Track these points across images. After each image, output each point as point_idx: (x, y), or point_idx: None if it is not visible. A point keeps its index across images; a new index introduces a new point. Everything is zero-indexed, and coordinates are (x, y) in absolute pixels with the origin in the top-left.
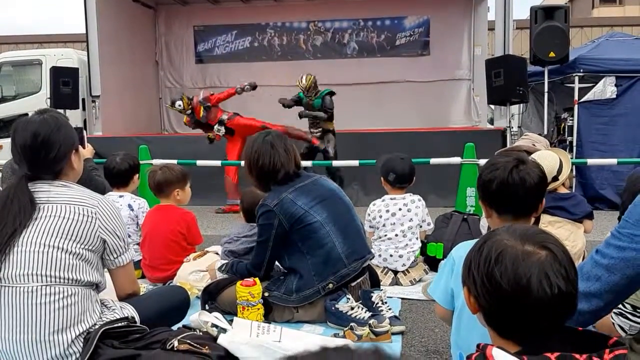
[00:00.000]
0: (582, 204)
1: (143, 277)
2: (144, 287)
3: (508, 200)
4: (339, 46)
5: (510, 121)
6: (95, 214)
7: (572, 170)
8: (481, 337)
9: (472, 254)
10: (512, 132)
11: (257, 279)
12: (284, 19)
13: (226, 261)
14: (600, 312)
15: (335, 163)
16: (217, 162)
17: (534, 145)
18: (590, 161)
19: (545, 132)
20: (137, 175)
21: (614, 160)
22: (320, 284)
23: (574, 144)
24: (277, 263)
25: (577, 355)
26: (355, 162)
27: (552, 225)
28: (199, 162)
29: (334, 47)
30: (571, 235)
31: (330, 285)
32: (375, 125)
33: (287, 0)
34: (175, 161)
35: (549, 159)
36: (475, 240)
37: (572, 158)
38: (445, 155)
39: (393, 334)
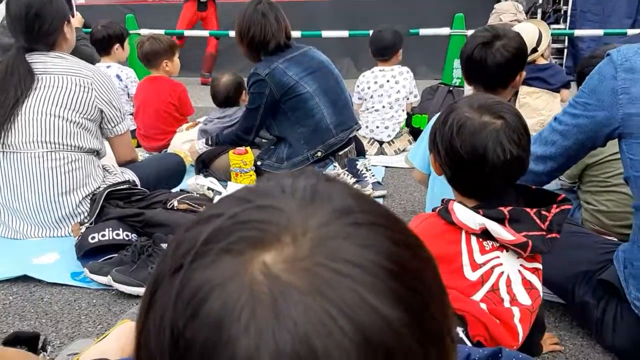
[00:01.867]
0: (559, 74)
1: (139, 146)
2: (141, 155)
3: (476, 74)
4: None
5: None
6: (91, 84)
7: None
8: (450, 195)
9: (437, 125)
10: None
11: (248, 148)
12: None
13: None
14: (554, 172)
15: (325, 34)
16: (205, 33)
17: (500, 19)
18: (577, 32)
19: (540, 1)
20: (119, 44)
21: (600, 32)
22: (309, 151)
23: (568, 13)
24: (267, 134)
25: (528, 209)
26: (345, 33)
27: (530, 95)
28: (187, 33)
29: None
30: (548, 105)
31: (319, 153)
32: None
33: None
34: (162, 31)
35: (528, 31)
36: None
37: (565, 28)
38: (439, 23)
39: (375, 197)
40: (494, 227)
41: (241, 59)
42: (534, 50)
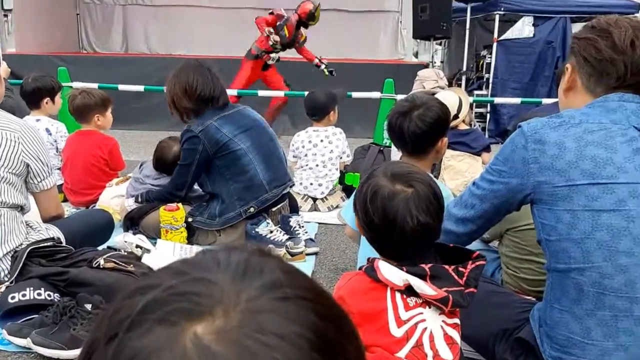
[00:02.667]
0: (481, 138)
1: (65, 201)
2: (68, 210)
3: (396, 141)
4: None
5: (433, 56)
6: (18, 138)
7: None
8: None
9: (356, 191)
10: (435, 67)
11: (179, 204)
12: None
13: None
14: (474, 234)
15: (262, 93)
16: (140, 87)
17: (423, 86)
18: (497, 100)
19: (465, 69)
20: (49, 98)
21: (517, 100)
22: (242, 207)
23: (490, 81)
24: (200, 190)
25: (447, 266)
26: (281, 93)
27: (455, 159)
28: (121, 87)
29: None
30: (470, 168)
31: (252, 209)
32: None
33: None
34: (95, 85)
35: (449, 98)
36: None
37: (487, 95)
38: (371, 86)
39: (307, 254)
40: (417, 283)
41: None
42: (455, 116)
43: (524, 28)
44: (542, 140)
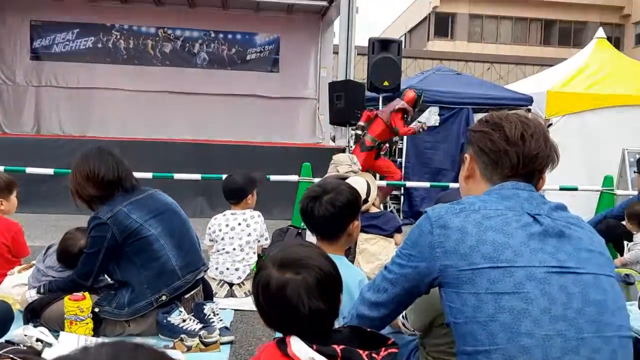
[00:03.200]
0: (392, 220)
1: None
2: None
3: (310, 225)
4: (189, 55)
5: (349, 141)
6: None
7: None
8: None
9: (254, 280)
10: (351, 152)
11: (86, 294)
12: (131, 22)
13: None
14: (387, 318)
15: (177, 176)
16: (49, 170)
17: (337, 170)
18: (408, 184)
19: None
20: None
21: (427, 184)
22: (153, 296)
23: (403, 165)
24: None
25: (360, 350)
26: (198, 176)
27: (368, 242)
28: (29, 170)
29: (183, 56)
30: (384, 250)
31: (164, 297)
32: (224, 137)
33: (135, 3)
34: (1, 168)
35: (358, 183)
36: None
37: (400, 179)
38: (291, 170)
39: (222, 343)
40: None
41: None
42: (365, 200)
43: (430, 117)
44: (446, 226)
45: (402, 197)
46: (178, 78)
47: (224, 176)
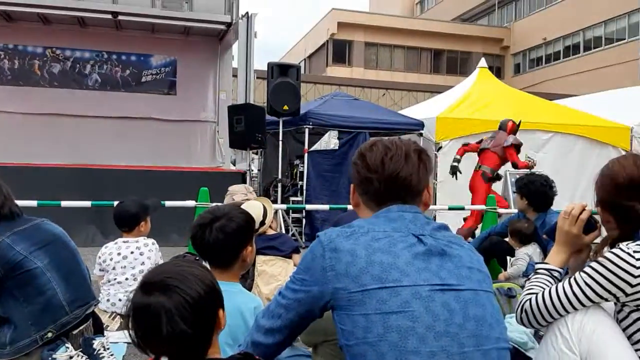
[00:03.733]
0: (289, 242)
1: None
2: None
3: (201, 253)
4: (80, 76)
5: (250, 164)
6: None
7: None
8: None
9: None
10: (252, 175)
11: None
12: (16, 41)
13: None
14: (282, 344)
15: (65, 204)
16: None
17: (233, 199)
18: (308, 206)
19: (280, 176)
20: None
21: (326, 206)
22: (38, 333)
23: (304, 187)
24: None
25: None
26: (88, 203)
27: (267, 263)
28: None
29: (73, 77)
30: (283, 271)
31: (50, 334)
32: (118, 162)
33: (20, 22)
34: None
35: (254, 207)
36: None
37: (302, 201)
38: (189, 195)
39: None
40: None
41: None
42: (262, 223)
43: (329, 140)
44: (337, 249)
45: (303, 220)
46: (68, 100)
47: (115, 203)
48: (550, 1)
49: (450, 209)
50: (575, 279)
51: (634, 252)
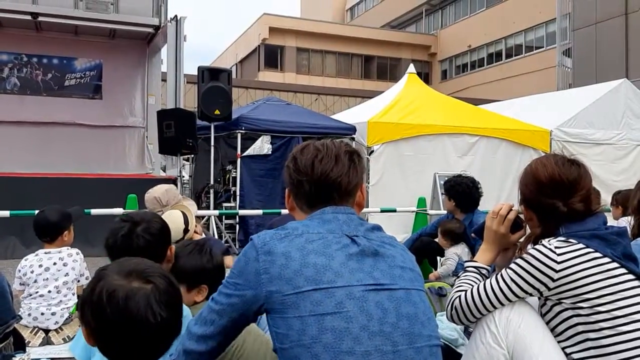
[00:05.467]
0: (217, 244)
1: None
2: None
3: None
4: None
5: (181, 170)
6: None
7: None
8: None
9: (86, 295)
10: (183, 181)
11: None
12: None
13: None
14: (215, 351)
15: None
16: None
17: (157, 200)
18: (241, 212)
19: (212, 182)
20: None
21: (260, 211)
22: None
23: (237, 193)
24: None
25: None
26: (6, 213)
27: None
28: None
29: None
30: None
31: None
32: (39, 170)
33: None
34: None
35: (174, 215)
36: None
37: (236, 207)
38: (117, 202)
39: None
40: None
41: None
42: (186, 230)
43: (262, 145)
44: (271, 252)
45: (237, 226)
46: None
47: (36, 212)
48: (474, 10)
49: (382, 211)
50: (501, 275)
51: (556, 247)
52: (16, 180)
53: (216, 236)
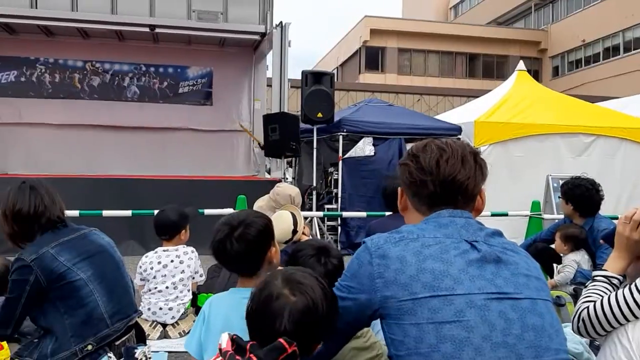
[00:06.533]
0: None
1: None
2: None
3: (225, 265)
4: (119, 89)
5: (285, 172)
6: None
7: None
8: None
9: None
10: (287, 182)
11: (4, 343)
12: (56, 56)
13: None
14: (328, 354)
15: (106, 213)
16: None
17: (275, 200)
18: (345, 214)
19: (315, 184)
20: None
21: (363, 214)
22: (78, 345)
23: (339, 195)
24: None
25: None
26: (128, 212)
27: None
28: None
29: (113, 89)
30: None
31: (89, 347)
32: (157, 172)
33: (60, 36)
34: None
35: (283, 216)
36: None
37: (337, 208)
38: (226, 203)
39: None
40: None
41: None
42: (294, 231)
43: (364, 147)
44: (385, 255)
45: (339, 228)
46: (107, 112)
47: (156, 212)
48: (588, 2)
49: (493, 215)
50: (635, 285)
51: None
52: (136, 182)
53: (318, 237)
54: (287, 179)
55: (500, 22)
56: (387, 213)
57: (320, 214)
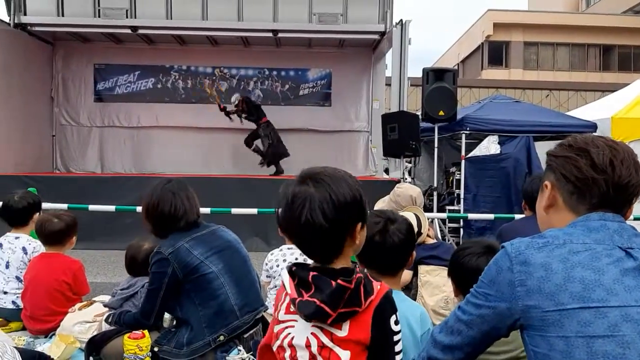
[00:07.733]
0: (451, 250)
1: (24, 328)
2: (24, 339)
3: (376, 259)
4: (244, 92)
5: (404, 172)
6: None
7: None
8: None
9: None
10: (407, 182)
11: (146, 332)
12: (188, 63)
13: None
14: None
15: (234, 211)
16: (111, 207)
17: (396, 202)
18: (471, 216)
19: (435, 185)
20: (38, 213)
21: (491, 216)
22: (211, 336)
23: (462, 196)
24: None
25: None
26: (254, 210)
27: (430, 274)
28: (91, 207)
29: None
30: (448, 281)
31: (221, 338)
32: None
33: (192, 45)
34: (65, 206)
35: (408, 217)
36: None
37: (460, 210)
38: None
39: None
40: (284, 277)
41: None
42: (419, 233)
43: (489, 146)
44: (527, 262)
45: (461, 230)
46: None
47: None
48: None
49: (635, 219)
50: None
51: None
52: (260, 181)
53: (440, 239)
54: (406, 179)
55: (637, 10)
56: (518, 215)
57: (444, 215)
